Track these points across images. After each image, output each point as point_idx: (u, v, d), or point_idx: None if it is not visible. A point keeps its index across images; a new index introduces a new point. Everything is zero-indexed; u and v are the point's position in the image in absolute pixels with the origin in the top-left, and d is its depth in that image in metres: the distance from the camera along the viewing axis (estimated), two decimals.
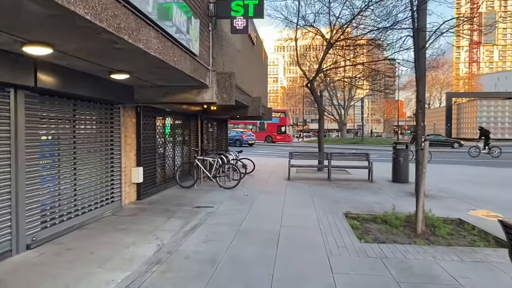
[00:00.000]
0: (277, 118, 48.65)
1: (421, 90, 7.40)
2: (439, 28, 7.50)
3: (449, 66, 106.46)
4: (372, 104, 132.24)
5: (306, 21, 16.97)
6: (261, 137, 48.74)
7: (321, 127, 17.13)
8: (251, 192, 10.57)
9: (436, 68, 49.75)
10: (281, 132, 49.38)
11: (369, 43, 16.39)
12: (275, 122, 48.49)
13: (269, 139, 48.68)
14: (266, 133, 49.20)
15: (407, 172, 13.09)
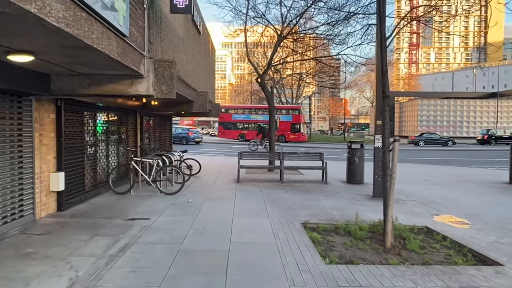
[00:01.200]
0: (290, 116, 46.15)
1: (386, 84, 6.57)
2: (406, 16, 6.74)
3: (390, 66, 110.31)
4: (318, 102, 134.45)
5: (256, 12, 15.96)
6: None
7: (272, 125, 16.20)
8: (196, 199, 9.36)
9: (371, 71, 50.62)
10: (295, 131, 45.75)
11: (322, 37, 15.67)
12: (287, 120, 45.86)
13: (282, 138, 44.25)
14: (278, 132, 44.53)
15: (362, 172, 12.46)
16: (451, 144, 42.44)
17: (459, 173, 16.27)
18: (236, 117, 47.26)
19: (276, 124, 46.52)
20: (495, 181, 13.44)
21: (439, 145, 42.46)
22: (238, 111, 48.74)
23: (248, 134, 45.65)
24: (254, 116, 47.42)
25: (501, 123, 57.82)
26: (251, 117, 47.50)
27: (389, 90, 6.55)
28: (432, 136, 45.75)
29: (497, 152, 31.39)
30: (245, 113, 48.06)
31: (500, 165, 20.37)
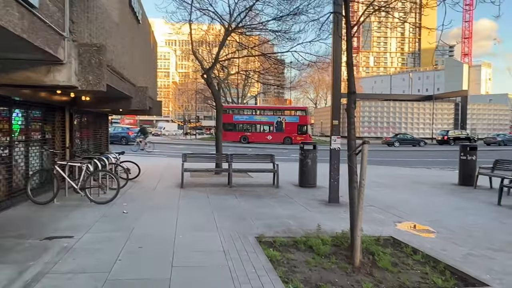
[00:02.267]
0: (296, 117, 44.56)
1: (352, 79, 5.81)
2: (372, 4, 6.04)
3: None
4: (264, 102, 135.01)
5: (202, 4, 14.84)
6: (279, 138, 43.43)
7: (219, 124, 15.17)
8: (133, 208, 8.13)
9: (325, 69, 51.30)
10: (302, 132, 43.34)
11: (272, 33, 14.89)
12: (294, 121, 44.06)
13: (288, 140, 42.89)
14: (284, 134, 43.70)
15: (315, 175, 11.80)
16: (423, 145, 44.79)
17: (409, 174, 16.21)
18: (238, 118, 45.37)
19: (281, 126, 44.76)
20: (445, 183, 13.35)
21: (410, 146, 44.61)
22: (241, 111, 47.02)
23: (251, 136, 44.18)
24: (258, 117, 45.92)
25: (436, 124, 60.77)
26: (254, 118, 45.73)
27: (355, 85, 5.80)
28: (406, 137, 48.24)
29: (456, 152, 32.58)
30: (248, 114, 46.33)
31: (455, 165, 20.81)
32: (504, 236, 6.69)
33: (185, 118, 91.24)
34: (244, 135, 44.64)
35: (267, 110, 48.94)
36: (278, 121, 44.91)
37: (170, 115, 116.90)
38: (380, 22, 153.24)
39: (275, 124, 44.92)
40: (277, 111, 47.34)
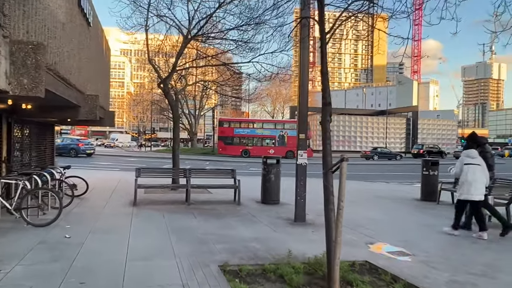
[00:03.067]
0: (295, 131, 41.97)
1: (327, 88, 5.30)
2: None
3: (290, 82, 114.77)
4: (221, 114, 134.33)
5: (159, 10, 14.05)
6: (281, 152, 40.10)
7: (177, 137, 14.30)
8: (77, 231, 7.15)
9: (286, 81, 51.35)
10: None
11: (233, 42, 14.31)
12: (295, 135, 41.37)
13: (291, 154, 40.53)
14: (286, 148, 42.52)
15: (279, 191, 11.23)
16: (399, 158, 46.25)
17: (375, 188, 16.05)
18: (239, 132, 44.72)
19: (284, 140, 44.30)
20: (408, 198, 13.22)
21: (386, 159, 46.07)
22: (242, 125, 46.29)
23: (252, 150, 42.94)
24: (260, 130, 45.18)
25: (389, 138, 62.57)
26: (256, 132, 44.98)
27: (330, 96, 5.28)
28: (384, 151, 50.13)
29: None
30: (249, 127, 45.78)
31: None
32: (479, 258, 6.37)
33: (140, 130, 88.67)
34: (245, 149, 43.83)
35: (269, 123, 48.50)
36: (280, 135, 44.74)
37: (124, 126, 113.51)
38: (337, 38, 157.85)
39: (277, 138, 44.67)
40: (279, 125, 47.24)
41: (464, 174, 7.73)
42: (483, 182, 7.73)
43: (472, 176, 7.62)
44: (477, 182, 7.62)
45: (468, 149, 8.18)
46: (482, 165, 7.77)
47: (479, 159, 7.83)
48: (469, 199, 7.72)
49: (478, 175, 7.64)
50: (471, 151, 7.95)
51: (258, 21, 13.30)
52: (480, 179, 7.66)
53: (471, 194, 7.62)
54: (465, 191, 7.71)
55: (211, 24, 14.04)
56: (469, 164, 7.72)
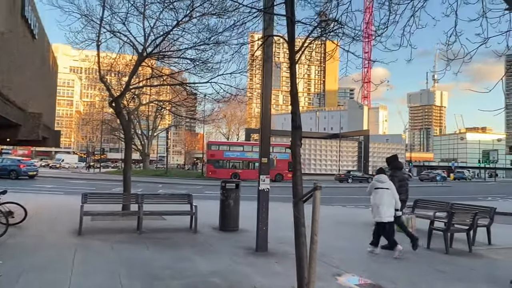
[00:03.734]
0: (286, 154, 42.79)
1: (298, 111, 4.91)
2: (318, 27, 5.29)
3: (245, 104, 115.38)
4: (175, 135, 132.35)
5: (112, 25, 13.34)
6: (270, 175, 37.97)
7: (128, 159, 13.43)
8: (10, 268, 6.19)
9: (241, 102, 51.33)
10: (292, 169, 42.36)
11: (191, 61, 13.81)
12: (285, 158, 42.87)
13: (280, 177, 42.68)
14: (276, 171, 42.16)
15: (238, 217, 10.65)
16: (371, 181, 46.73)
17: (337, 213, 15.81)
18: (229, 155, 44.37)
19: (273, 163, 42.71)
20: (368, 223, 13.03)
21: (358, 182, 47.45)
22: (231, 148, 45.81)
23: (242, 173, 42.05)
24: (250, 153, 44.55)
25: (342, 161, 63.82)
26: (246, 155, 44.78)
27: (300, 119, 4.89)
28: (357, 174, 52.26)
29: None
30: (239, 150, 45.59)
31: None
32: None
33: (89, 150, 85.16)
34: (235, 172, 43.14)
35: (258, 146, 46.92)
36: (271, 158, 43.47)
37: (72, 146, 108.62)
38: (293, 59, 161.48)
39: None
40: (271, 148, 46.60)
41: (373, 198, 8.36)
42: (392, 205, 8.30)
43: (380, 199, 8.23)
44: (385, 205, 8.22)
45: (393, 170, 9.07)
46: (391, 189, 8.35)
47: (388, 183, 8.42)
48: (379, 221, 8.30)
49: (386, 198, 8.23)
50: (381, 176, 8.53)
51: (217, 40, 12.95)
52: (389, 202, 8.24)
53: (381, 217, 8.20)
54: (376, 213, 8.29)
55: (168, 42, 13.50)
56: (379, 189, 8.33)
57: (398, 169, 9.51)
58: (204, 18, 12.80)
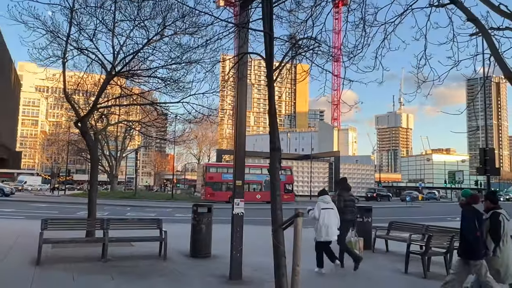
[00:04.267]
0: (283, 176, 41.63)
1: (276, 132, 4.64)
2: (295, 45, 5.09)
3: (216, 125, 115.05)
4: (144, 156, 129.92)
5: (79, 42, 12.84)
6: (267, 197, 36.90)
7: (94, 182, 12.76)
8: None
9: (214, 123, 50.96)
10: (288, 191, 44.23)
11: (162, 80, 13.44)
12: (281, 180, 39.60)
13: None
14: None
15: (210, 243, 10.17)
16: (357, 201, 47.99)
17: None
18: (227, 177, 42.27)
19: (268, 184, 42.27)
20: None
21: None
22: (229, 170, 43.02)
23: None
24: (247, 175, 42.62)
25: (313, 182, 63.99)
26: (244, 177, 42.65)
27: (279, 140, 4.62)
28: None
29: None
30: None
31: None
32: None
33: (54, 171, 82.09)
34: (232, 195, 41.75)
35: (255, 168, 47.53)
36: (266, 180, 43.71)
37: (36, 167, 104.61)
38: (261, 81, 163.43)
39: (263, 183, 44.05)
40: (265, 170, 46.72)
41: (322, 219, 8.62)
42: (336, 224, 8.75)
43: (329, 220, 8.59)
44: (334, 225, 8.67)
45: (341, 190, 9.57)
46: (335, 209, 8.82)
47: (332, 204, 8.87)
48: (327, 240, 8.64)
49: (333, 218, 8.67)
50: (326, 197, 8.92)
51: (189, 60, 12.67)
52: (334, 221, 8.69)
53: (328, 236, 8.57)
54: (323, 233, 8.57)
55: (139, 60, 13.11)
56: (326, 209, 8.68)
57: (345, 191, 9.78)
58: (176, 37, 12.55)
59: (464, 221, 6.04)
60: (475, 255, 5.77)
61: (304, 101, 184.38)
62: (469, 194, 6.24)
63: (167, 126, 44.64)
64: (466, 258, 5.89)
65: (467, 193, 6.36)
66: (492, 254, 5.99)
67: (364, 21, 6.14)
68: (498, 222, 5.97)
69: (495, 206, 6.21)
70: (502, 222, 5.99)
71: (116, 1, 11.63)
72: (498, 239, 5.96)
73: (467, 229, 5.94)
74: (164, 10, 11.33)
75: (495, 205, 6.23)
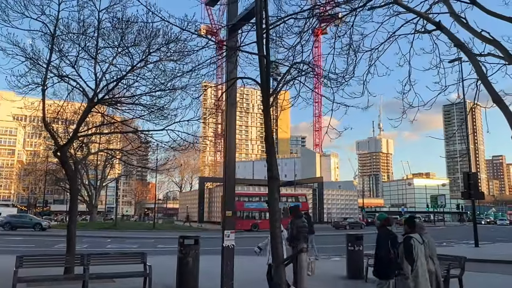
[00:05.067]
0: (299, 203, 43.42)
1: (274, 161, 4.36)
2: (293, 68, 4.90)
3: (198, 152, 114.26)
4: (125, 185, 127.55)
5: (60, 69, 12.47)
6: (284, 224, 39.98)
7: (73, 215, 12.14)
8: None
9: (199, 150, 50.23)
10: None
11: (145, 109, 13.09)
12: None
13: None
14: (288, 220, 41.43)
15: (197, 276, 9.62)
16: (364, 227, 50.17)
17: None
18: (249, 206, 45.17)
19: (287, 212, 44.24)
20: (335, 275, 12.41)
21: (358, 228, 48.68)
22: (250, 199, 46.17)
23: (261, 224, 42.21)
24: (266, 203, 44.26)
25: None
26: (263, 205, 44.95)
27: (277, 169, 4.34)
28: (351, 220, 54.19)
29: None
30: (256, 201, 46.19)
31: None
32: None
33: (30, 202, 79.56)
34: (255, 223, 43.86)
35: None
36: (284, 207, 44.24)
37: (12, 198, 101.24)
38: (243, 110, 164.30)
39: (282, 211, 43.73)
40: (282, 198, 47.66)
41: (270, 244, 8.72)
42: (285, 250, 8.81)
43: None
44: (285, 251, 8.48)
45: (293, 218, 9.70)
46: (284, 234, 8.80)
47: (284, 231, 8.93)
48: None
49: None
50: None
51: (174, 86, 12.43)
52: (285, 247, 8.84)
53: None
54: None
55: (122, 87, 12.79)
56: None
57: (298, 218, 9.92)
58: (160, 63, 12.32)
59: (378, 243, 6.68)
60: (387, 274, 6.37)
61: (286, 127, 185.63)
62: (384, 218, 6.97)
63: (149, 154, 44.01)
64: (379, 277, 6.50)
65: (382, 216, 7.08)
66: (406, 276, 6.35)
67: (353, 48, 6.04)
68: (410, 245, 6.41)
69: (411, 230, 6.72)
70: (414, 245, 6.42)
71: (100, 28, 11.40)
72: (411, 261, 6.37)
73: (381, 250, 6.51)
74: (148, 37, 11.14)
75: (411, 229, 6.73)
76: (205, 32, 31.85)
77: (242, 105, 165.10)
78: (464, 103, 19.79)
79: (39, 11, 10.70)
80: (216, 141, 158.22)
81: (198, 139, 14.78)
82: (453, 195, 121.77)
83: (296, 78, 4.96)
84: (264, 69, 4.23)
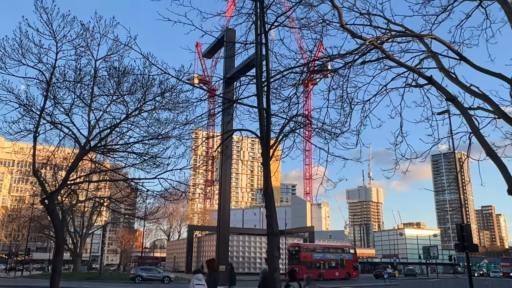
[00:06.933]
0: (351, 255, 51.10)
1: (274, 216, 4.24)
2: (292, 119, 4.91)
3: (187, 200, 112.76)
4: (111, 233, 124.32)
5: (53, 117, 12.48)
6: (343, 274, 48.47)
7: (58, 264, 11.65)
8: None
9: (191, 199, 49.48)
10: (356, 268, 51.21)
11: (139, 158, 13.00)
12: (350, 259, 50.55)
13: (348, 275, 48.54)
14: (345, 270, 49.26)
15: None
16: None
17: None
18: (316, 256, 48.53)
19: (343, 263, 49.97)
20: None
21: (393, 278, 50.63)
22: (317, 250, 50.61)
23: (325, 273, 46.03)
24: (329, 255, 50.33)
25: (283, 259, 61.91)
26: (327, 256, 49.61)
27: (277, 224, 4.21)
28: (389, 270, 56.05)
29: None
30: (320, 252, 50.20)
31: None
32: None
33: (12, 250, 76.73)
34: (320, 273, 46.09)
35: (334, 248, 53.94)
36: (341, 258, 50.41)
37: None
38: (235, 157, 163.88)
39: (339, 261, 49.91)
40: (338, 249, 53.43)
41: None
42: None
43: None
44: None
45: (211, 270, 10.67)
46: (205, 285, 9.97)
47: (203, 281, 10.04)
48: None
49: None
50: (199, 275, 10.14)
51: (167, 135, 12.44)
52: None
53: None
54: None
55: (115, 135, 12.76)
56: (199, 285, 9.83)
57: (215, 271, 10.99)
58: (155, 112, 12.40)
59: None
60: None
61: (277, 175, 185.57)
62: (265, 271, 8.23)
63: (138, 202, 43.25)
64: None
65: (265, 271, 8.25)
66: None
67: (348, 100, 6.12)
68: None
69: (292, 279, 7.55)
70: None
71: (96, 76, 11.53)
72: None
73: None
74: (144, 85, 11.28)
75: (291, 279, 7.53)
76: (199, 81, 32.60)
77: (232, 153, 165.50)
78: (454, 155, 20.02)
79: (36, 59, 10.86)
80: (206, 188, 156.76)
81: (188, 187, 14.61)
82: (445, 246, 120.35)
83: (294, 131, 4.98)
84: (264, 122, 4.22)
